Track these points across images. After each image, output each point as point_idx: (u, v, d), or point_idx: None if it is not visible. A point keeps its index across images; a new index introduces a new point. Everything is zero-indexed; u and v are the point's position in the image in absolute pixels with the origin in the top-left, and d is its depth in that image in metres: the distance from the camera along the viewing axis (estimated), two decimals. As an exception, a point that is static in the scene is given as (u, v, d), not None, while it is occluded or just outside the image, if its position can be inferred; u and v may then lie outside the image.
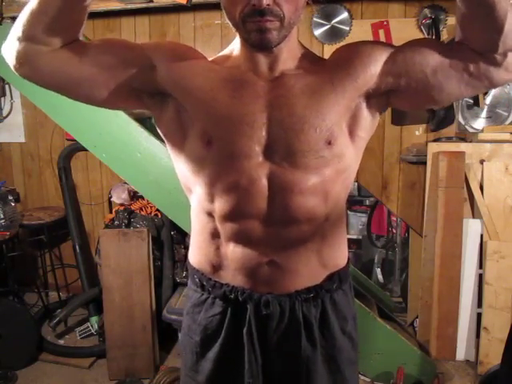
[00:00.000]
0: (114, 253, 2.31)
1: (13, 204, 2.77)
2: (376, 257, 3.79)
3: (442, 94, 0.85)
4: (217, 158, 0.86)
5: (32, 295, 3.09)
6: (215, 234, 0.92)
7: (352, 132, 0.88)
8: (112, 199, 2.82)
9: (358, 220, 4.00)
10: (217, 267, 0.94)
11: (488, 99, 2.47)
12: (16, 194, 3.14)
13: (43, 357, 2.52)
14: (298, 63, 0.89)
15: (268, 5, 0.77)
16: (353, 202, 4.11)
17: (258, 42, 0.81)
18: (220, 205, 0.88)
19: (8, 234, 2.59)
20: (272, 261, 0.89)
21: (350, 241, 4.10)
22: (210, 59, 0.93)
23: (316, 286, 0.92)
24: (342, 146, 0.87)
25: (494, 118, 2.50)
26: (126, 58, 0.86)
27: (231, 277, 0.92)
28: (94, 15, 2.75)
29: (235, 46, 0.92)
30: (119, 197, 2.69)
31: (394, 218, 3.53)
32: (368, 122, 0.90)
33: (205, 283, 0.96)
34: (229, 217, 0.88)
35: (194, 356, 0.98)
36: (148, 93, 0.90)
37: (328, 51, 2.60)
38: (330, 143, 0.85)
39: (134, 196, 2.73)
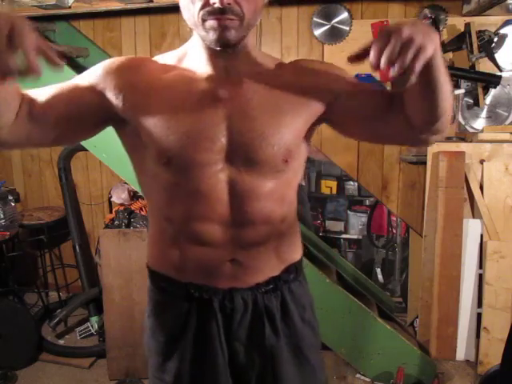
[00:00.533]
0: (113, 253, 2.31)
1: (13, 204, 2.77)
2: (376, 257, 3.79)
3: (366, 140, 1.08)
4: (176, 170, 0.87)
5: (32, 295, 3.09)
6: (176, 238, 0.94)
7: (302, 148, 0.95)
8: (112, 199, 2.82)
9: (358, 220, 4.00)
10: (178, 269, 0.95)
11: (488, 99, 2.47)
12: (16, 194, 3.14)
13: (43, 357, 2.52)
14: (254, 68, 0.90)
15: (229, 3, 0.77)
16: (353, 202, 4.11)
17: (217, 40, 0.80)
18: (180, 210, 0.90)
19: (8, 234, 2.59)
20: (233, 259, 0.93)
21: (350, 241, 4.10)
22: (161, 60, 0.92)
23: (275, 278, 0.97)
24: (296, 161, 0.93)
25: (494, 118, 2.50)
26: (83, 107, 0.87)
27: (193, 276, 0.95)
28: (94, 15, 2.75)
29: (189, 47, 0.91)
30: (119, 197, 2.69)
31: (394, 218, 3.53)
32: (310, 137, 0.99)
33: (165, 284, 0.97)
34: (189, 221, 0.90)
35: (160, 357, 0.99)
36: (112, 120, 0.91)
37: (328, 51, 2.61)
38: (286, 161, 0.89)
39: (134, 196, 2.73)
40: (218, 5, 0.76)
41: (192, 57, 0.90)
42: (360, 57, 0.73)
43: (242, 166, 0.87)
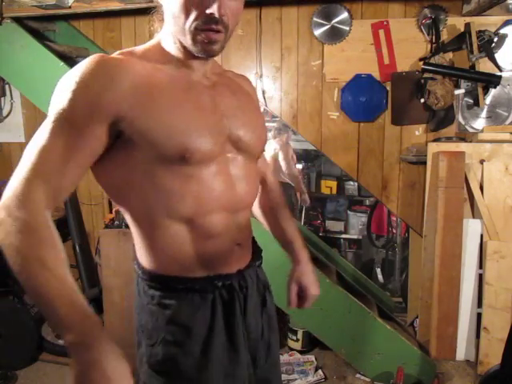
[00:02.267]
0: (113, 253, 2.31)
1: (13, 204, 2.77)
2: (376, 257, 3.80)
3: None
4: (195, 165, 0.88)
5: (32, 295, 3.09)
6: (189, 236, 0.93)
7: None
8: (112, 199, 2.82)
9: (358, 220, 4.00)
10: (194, 265, 0.95)
11: (488, 99, 2.47)
12: (16, 193, 3.13)
13: (43, 357, 2.53)
14: (217, 70, 1.01)
15: (223, 15, 0.82)
16: (353, 202, 4.11)
17: (204, 52, 0.86)
18: (194, 207, 0.90)
19: (8, 234, 2.58)
20: (238, 244, 1.00)
21: (350, 241, 4.11)
22: (139, 56, 0.89)
23: (257, 252, 1.10)
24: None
25: (494, 118, 2.50)
26: (95, 156, 0.84)
27: (210, 268, 0.96)
28: (94, 15, 2.75)
29: (164, 47, 0.91)
30: (119, 197, 2.69)
31: (394, 218, 3.53)
32: None
33: (183, 286, 0.95)
34: (203, 215, 0.92)
35: (196, 357, 0.95)
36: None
37: (328, 51, 2.61)
38: (263, 150, 1.09)
39: (134, 196, 2.73)
40: (216, 15, 0.81)
41: (169, 58, 0.91)
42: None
43: (239, 156, 0.97)
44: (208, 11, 0.80)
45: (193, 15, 0.81)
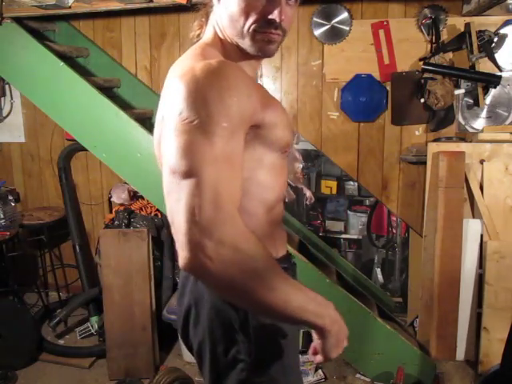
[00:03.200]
0: (113, 253, 2.31)
1: (13, 204, 2.77)
2: (376, 257, 3.79)
3: None
4: (285, 156, 1.00)
5: (32, 295, 3.09)
6: (274, 223, 1.03)
7: None
8: (112, 199, 2.82)
9: (358, 220, 4.00)
10: (277, 247, 1.06)
11: (488, 99, 2.47)
12: (16, 194, 3.14)
13: (43, 357, 2.53)
14: None
15: (282, 20, 0.86)
16: (353, 202, 4.11)
17: (264, 51, 0.89)
18: (280, 195, 1.01)
19: (8, 234, 2.59)
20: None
21: (350, 241, 4.10)
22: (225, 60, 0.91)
23: None
24: None
25: (494, 118, 2.50)
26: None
27: (282, 249, 1.08)
28: (94, 15, 2.75)
29: (226, 50, 0.92)
30: (119, 197, 2.70)
31: (394, 218, 3.53)
32: None
33: (285, 265, 1.06)
34: (279, 202, 1.02)
35: (290, 330, 1.02)
36: None
37: (328, 51, 2.61)
38: None
39: (134, 196, 2.73)
40: (278, 20, 0.85)
41: (234, 57, 0.92)
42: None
43: None
44: (270, 17, 0.84)
45: (252, 18, 0.85)
